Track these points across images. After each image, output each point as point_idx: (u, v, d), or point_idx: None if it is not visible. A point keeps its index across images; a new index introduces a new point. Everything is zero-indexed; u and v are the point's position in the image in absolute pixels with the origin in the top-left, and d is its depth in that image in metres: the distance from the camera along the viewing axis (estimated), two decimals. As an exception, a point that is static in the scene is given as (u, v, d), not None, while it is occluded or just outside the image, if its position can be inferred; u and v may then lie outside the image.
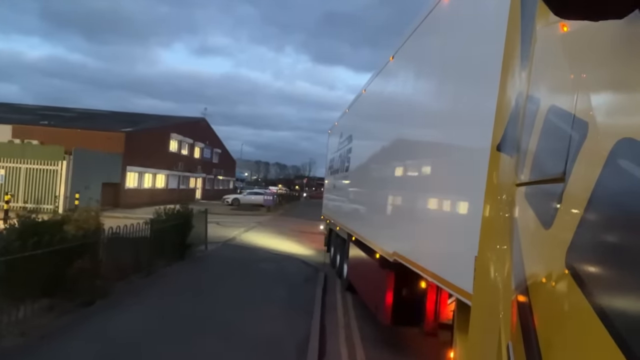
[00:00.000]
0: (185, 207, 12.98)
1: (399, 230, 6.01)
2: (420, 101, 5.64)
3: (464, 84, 4.14)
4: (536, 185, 1.63)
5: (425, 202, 5.04)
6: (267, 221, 29.26)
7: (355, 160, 10.52)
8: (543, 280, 1.41)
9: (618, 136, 1.09)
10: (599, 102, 1.26)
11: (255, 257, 14.57)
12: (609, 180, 1.11)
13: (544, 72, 1.76)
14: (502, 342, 1.80)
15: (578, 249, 1.20)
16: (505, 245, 1.98)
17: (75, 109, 46.27)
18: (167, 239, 11.81)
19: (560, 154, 1.38)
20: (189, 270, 11.72)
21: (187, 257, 12.89)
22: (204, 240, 15.15)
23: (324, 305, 9.54)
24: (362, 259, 8.32)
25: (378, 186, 7.92)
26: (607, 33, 1.23)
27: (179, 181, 44.46)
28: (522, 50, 2.19)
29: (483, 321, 2.30)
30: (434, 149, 4.83)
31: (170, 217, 12.15)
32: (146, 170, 36.77)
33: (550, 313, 1.32)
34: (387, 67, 7.64)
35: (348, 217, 10.76)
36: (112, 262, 9.21)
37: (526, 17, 2.22)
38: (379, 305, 6.85)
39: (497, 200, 2.34)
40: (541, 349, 1.33)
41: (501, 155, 2.36)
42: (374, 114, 8.91)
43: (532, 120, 1.74)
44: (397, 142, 6.70)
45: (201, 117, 52.77)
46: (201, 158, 51.40)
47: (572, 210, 1.26)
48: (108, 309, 7.74)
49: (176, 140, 43.31)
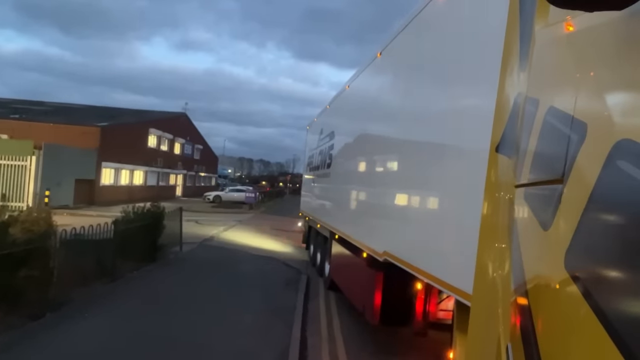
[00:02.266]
0: (156, 206, 12.01)
1: (391, 231, 5.80)
2: (414, 99, 5.47)
3: (458, 83, 4.11)
4: (535, 187, 1.63)
5: (422, 203, 4.87)
6: (249, 219, 28.28)
7: (339, 157, 10.20)
8: (542, 281, 1.42)
9: (617, 137, 1.09)
10: (598, 103, 1.25)
11: (234, 259, 13.66)
12: (607, 181, 1.10)
13: (542, 73, 1.76)
14: (502, 343, 1.79)
15: (577, 250, 1.19)
16: (504, 246, 1.99)
17: (49, 103, 44.51)
18: (136, 240, 10.85)
19: (559, 155, 1.38)
20: (159, 275, 10.76)
21: (158, 260, 11.92)
22: (179, 240, 14.18)
23: (306, 314, 8.74)
24: (347, 258, 8.12)
25: (366, 184, 7.61)
26: (606, 33, 1.25)
27: (158, 178, 43.17)
28: (520, 51, 2.20)
29: (482, 322, 2.29)
30: (430, 147, 4.70)
31: (139, 217, 11.19)
32: (123, 167, 35.52)
33: (550, 314, 1.32)
34: (375, 63, 7.45)
35: (331, 215, 10.43)
36: (71, 267, 8.26)
37: (525, 17, 2.22)
38: (366, 306, 6.67)
39: (496, 201, 2.34)
40: (540, 350, 1.32)
41: (500, 156, 2.36)
42: (361, 111, 8.56)
43: (531, 121, 1.73)
44: (388, 139, 6.44)
45: (182, 112, 51.46)
46: (182, 154, 50.10)
47: (571, 212, 1.25)
48: (59, 324, 6.79)
49: (155, 135, 42.00)
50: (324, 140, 12.31)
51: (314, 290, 10.72)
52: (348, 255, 8.08)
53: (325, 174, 11.62)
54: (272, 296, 9.52)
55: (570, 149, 1.31)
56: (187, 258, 13.28)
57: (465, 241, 3.17)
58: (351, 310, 8.90)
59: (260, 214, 32.93)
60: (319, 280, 11.80)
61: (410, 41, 5.69)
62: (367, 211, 7.37)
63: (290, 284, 10.74)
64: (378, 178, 6.84)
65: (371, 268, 6.44)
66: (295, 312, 8.52)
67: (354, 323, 8.23)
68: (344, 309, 9.09)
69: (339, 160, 10.23)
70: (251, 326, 7.43)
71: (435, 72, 4.77)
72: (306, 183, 16.43)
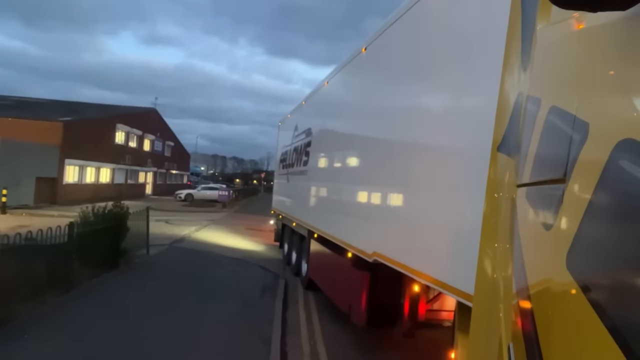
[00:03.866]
0: (119, 206, 10.97)
1: (382, 231, 5.58)
2: (408, 96, 5.26)
3: (455, 80, 4.03)
4: (537, 186, 1.61)
5: (419, 203, 4.63)
6: (222, 218, 27.21)
7: (319, 154, 9.89)
8: (544, 281, 1.41)
9: (619, 137, 1.08)
10: (600, 103, 1.25)
11: (206, 262, 12.70)
12: (610, 181, 1.10)
13: (544, 73, 1.74)
14: (503, 343, 1.77)
15: (579, 250, 1.19)
16: (506, 246, 1.96)
17: (8, 97, 42.08)
18: (95, 244, 9.82)
19: (561, 154, 1.37)
20: (120, 283, 9.73)
21: (122, 265, 10.89)
22: (146, 243, 13.15)
23: (285, 324, 7.94)
24: (329, 258, 7.94)
25: (352, 183, 7.25)
26: (609, 33, 1.24)
27: (127, 175, 41.50)
28: (522, 50, 2.19)
29: (484, 322, 2.25)
30: (429, 144, 4.52)
31: (100, 218, 10.16)
32: (88, 164, 33.90)
33: (551, 314, 1.31)
34: (359, 58, 7.22)
35: (309, 214, 10.09)
36: (18, 277, 7.24)
37: (527, 16, 2.21)
38: (353, 307, 6.54)
39: (497, 200, 2.32)
40: (542, 351, 1.31)
41: (502, 155, 2.35)
42: (344, 107, 8.23)
43: (532, 121, 1.71)
44: (379, 136, 6.15)
45: (151, 107, 49.67)
46: (152, 151, 48.41)
47: (573, 211, 1.25)
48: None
49: (123, 131, 40.32)
50: (299, 136, 11.96)
51: (293, 296, 9.93)
52: (330, 254, 7.83)
53: (302, 172, 11.27)
54: (247, 306, 8.67)
55: (572, 148, 1.30)
56: (154, 262, 12.26)
57: (465, 241, 3.14)
58: (334, 317, 8.19)
59: (234, 213, 31.86)
60: (297, 283, 11.08)
61: (404, 36, 5.42)
62: (353, 211, 6.99)
63: (267, 291, 9.90)
64: (367, 176, 6.44)
65: (357, 268, 6.31)
66: (274, 324, 7.72)
67: (337, 332, 7.52)
68: (326, 315, 8.35)
69: (318, 158, 9.91)
70: (226, 344, 6.57)
71: (431, 69, 4.63)
72: (279, 180, 15.87)
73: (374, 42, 6.47)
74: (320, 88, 10.28)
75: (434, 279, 3.87)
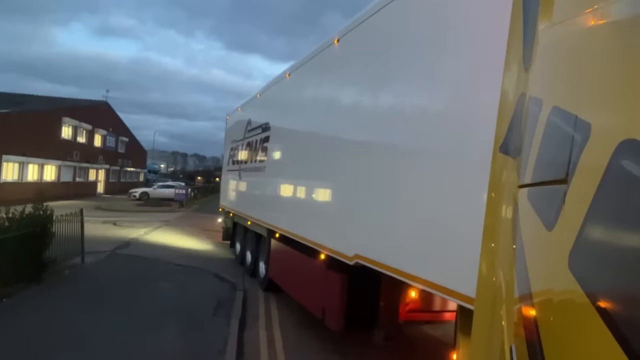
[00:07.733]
0: (40, 209, 9.12)
1: (367, 233, 5.15)
2: (396, 93, 4.93)
3: (450, 77, 3.88)
4: (539, 187, 1.61)
5: (414, 205, 4.27)
6: (178, 219, 25.24)
7: (281, 150, 9.35)
8: (546, 282, 1.40)
9: (621, 137, 1.06)
10: (602, 103, 1.24)
11: (151, 273, 10.98)
12: (612, 181, 1.08)
13: (546, 73, 1.75)
14: (505, 344, 1.75)
15: (581, 251, 1.17)
16: (507, 247, 1.95)
17: (-60, 88, 38.35)
18: (9, 255, 8.04)
19: (562, 155, 1.36)
20: (40, 303, 7.92)
21: (46, 279, 9.09)
22: (80, 250, 11.33)
23: (242, 351, 6.49)
24: (297, 259, 7.51)
25: (326, 180, 6.65)
26: (609, 32, 1.24)
27: (75, 173, 38.59)
28: (524, 51, 2.20)
29: (486, 323, 2.25)
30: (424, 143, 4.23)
31: (15, 225, 8.35)
32: (30, 160, 31.07)
33: (554, 315, 1.29)
34: (329, 50, 6.86)
35: (270, 212, 9.48)
36: None
37: (528, 17, 2.23)
38: (327, 311, 6.23)
39: (499, 201, 2.32)
40: (544, 351, 1.28)
41: (504, 156, 2.36)
42: (313, 101, 7.69)
43: (534, 121, 1.72)
44: (354, 131, 5.74)
45: (102, 100, 46.61)
46: (103, 147, 45.44)
47: (575, 212, 1.22)
48: None
49: (70, 125, 37.42)
50: (254, 131, 11.34)
51: (252, 311, 8.48)
52: (298, 255, 7.39)
53: (259, 168, 10.62)
54: (196, 329, 7.10)
55: (574, 148, 1.29)
56: (88, 274, 10.42)
57: (465, 243, 3.09)
58: (300, 337, 6.79)
59: (191, 213, 29.87)
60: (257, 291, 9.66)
61: (391, 26, 5.00)
62: (328, 210, 6.43)
63: (221, 307, 8.36)
64: (346, 174, 5.85)
65: (332, 270, 6.04)
66: (227, 352, 6.24)
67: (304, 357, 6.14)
68: (292, 334, 6.94)
69: (280, 154, 9.35)
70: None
71: (422, 64, 4.33)
72: (229, 177, 14.66)
73: (350, 33, 6.03)
74: (280, 80, 9.59)
75: (431, 283, 3.74)
